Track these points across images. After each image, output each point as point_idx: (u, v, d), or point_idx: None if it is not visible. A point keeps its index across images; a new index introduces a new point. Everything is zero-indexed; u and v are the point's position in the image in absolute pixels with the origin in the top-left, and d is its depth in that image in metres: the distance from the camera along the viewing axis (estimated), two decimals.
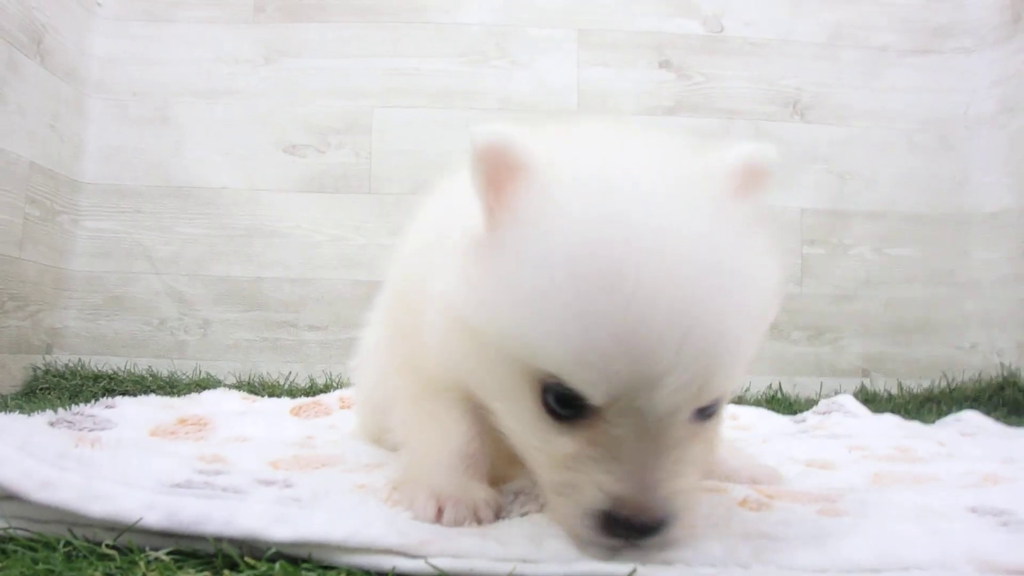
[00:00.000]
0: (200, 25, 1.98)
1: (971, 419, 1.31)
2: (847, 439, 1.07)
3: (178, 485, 0.56)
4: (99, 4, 1.96)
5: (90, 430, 0.88)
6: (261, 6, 1.99)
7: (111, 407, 1.05)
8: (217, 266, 1.93)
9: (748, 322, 0.46)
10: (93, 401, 1.09)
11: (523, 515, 0.55)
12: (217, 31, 1.98)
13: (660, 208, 0.45)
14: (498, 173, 0.48)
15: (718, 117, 1.99)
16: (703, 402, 0.46)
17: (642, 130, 0.56)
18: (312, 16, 1.99)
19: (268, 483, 0.61)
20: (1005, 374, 1.86)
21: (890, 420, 1.27)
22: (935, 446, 0.99)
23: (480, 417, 0.56)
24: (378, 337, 0.81)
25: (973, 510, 0.58)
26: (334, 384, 1.79)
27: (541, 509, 0.56)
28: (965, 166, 1.99)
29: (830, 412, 1.39)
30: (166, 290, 1.92)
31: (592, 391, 0.44)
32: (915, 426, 1.24)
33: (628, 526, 0.45)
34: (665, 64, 2.00)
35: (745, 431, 1.26)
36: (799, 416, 1.45)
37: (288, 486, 0.60)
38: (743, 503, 0.60)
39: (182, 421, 0.99)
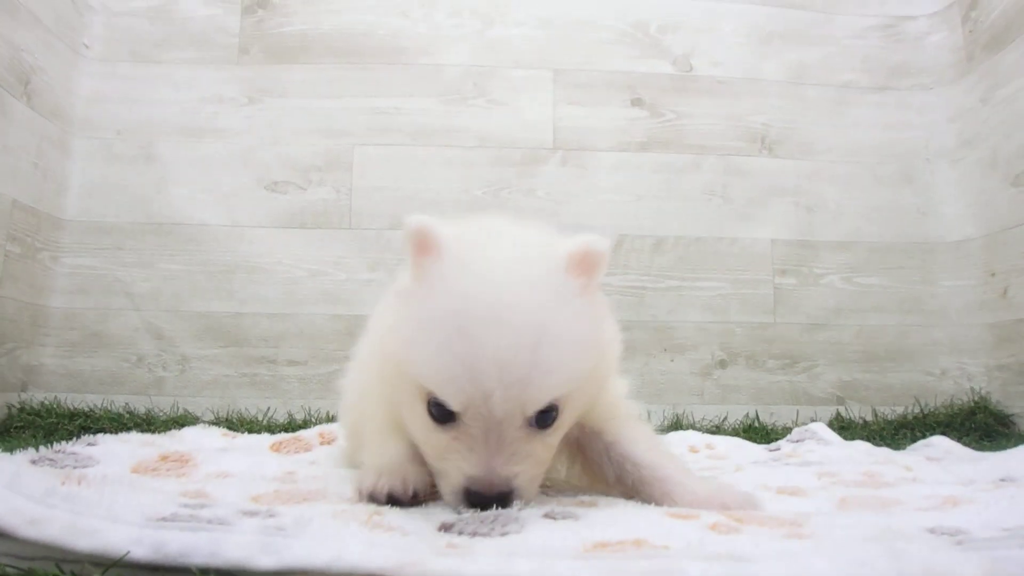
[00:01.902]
0: (185, 66, 2.02)
1: (939, 444, 1.34)
2: (818, 466, 1.09)
3: (164, 519, 0.57)
4: (86, 46, 1.99)
5: (73, 467, 0.88)
6: (245, 48, 2.03)
7: (92, 444, 1.04)
8: (197, 302, 1.93)
9: (558, 362, 0.66)
10: (74, 439, 1.09)
11: (503, 535, 0.57)
12: (202, 72, 2.01)
13: (503, 282, 0.66)
14: (420, 247, 0.70)
15: (689, 153, 2.05)
16: (528, 412, 0.67)
17: (521, 225, 0.77)
18: (295, 58, 2.03)
19: (251, 514, 0.62)
20: (976, 399, 1.91)
21: (860, 446, 1.30)
22: (902, 471, 1.01)
23: None
24: (359, 383, 0.93)
25: (931, 531, 0.60)
26: (313, 419, 1.78)
27: (520, 530, 0.58)
28: (927, 197, 2.06)
29: (803, 440, 1.42)
30: (145, 326, 1.92)
31: (451, 400, 0.66)
32: (884, 452, 1.26)
33: (480, 497, 0.66)
34: (637, 102, 2.07)
35: (720, 460, 1.28)
36: (773, 445, 1.47)
37: (271, 516, 0.61)
38: (714, 527, 0.62)
39: (164, 458, 0.99)
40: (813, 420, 1.91)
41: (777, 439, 1.72)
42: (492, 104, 2.04)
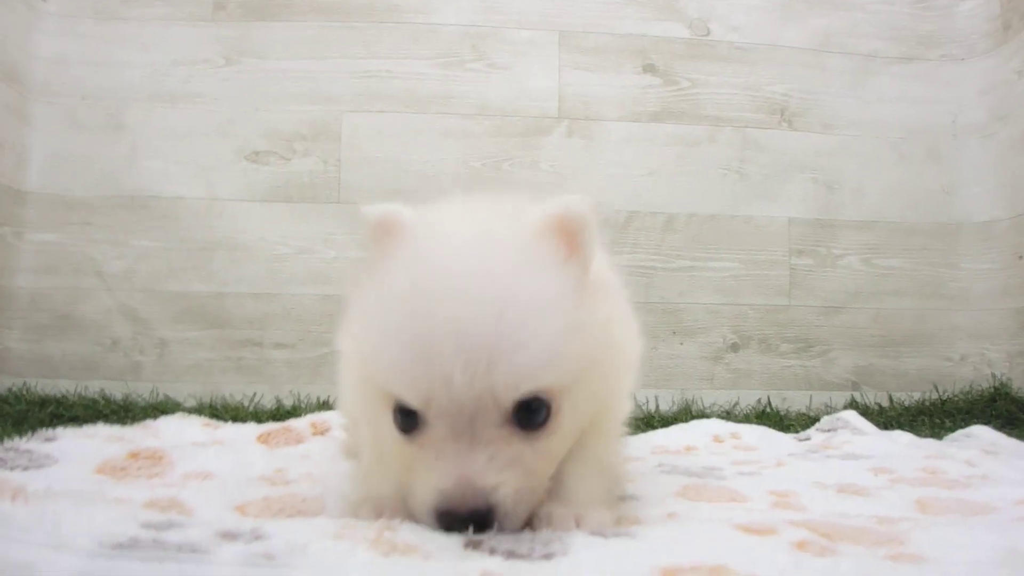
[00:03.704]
0: (155, 24, 1.86)
1: (982, 435, 1.25)
2: (867, 460, 1.00)
3: (120, 545, 0.46)
4: (44, 0, 1.83)
5: (24, 468, 0.76)
6: (221, 3, 1.88)
7: (51, 440, 0.91)
8: (174, 282, 1.80)
9: (532, 335, 0.53)
10: (30, 433, 0.96)
11: (546, 558, 0.48)
12: (173, 30, 1.86)
13: (458, 251, 0.56)
14: (382, 237, 0.61)
15: (704, 124, 1.94)
16: (504, 400, 0.53)
17: (493, 201, 0.66)
18: (277, 14, 1.88)
19: (233, 536, 0.50)
20: (996, 385, 1.84)
21: (901, 437, 1.21)
22: (964, 467, 0.93)
23: None
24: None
25: None
26: (302, 406, 1.69)
27: (566, 552, 0.50)
28: (953, 176, 1.97)
29: (835, 429, 1.33)
30: (119, 308, 1.79)
31: (408, 394, 0.54)
32: (930, 444, 1.18)
33: (451, 516, 0.53)
34: (650, 69, 1.94)
35: (751, 452, 1.18)
36: (802, 434, 1.39)
37: (257, 538, 0.50)
38: (801, 546, 0.51)
39: (133, 455, 0.86)
40: (828, 406, 1.85)
41: (791, 425, 1.65)
42: (492, 69, 1.91)
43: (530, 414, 0.55)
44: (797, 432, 1.54)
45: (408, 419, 0.55)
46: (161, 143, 1.83)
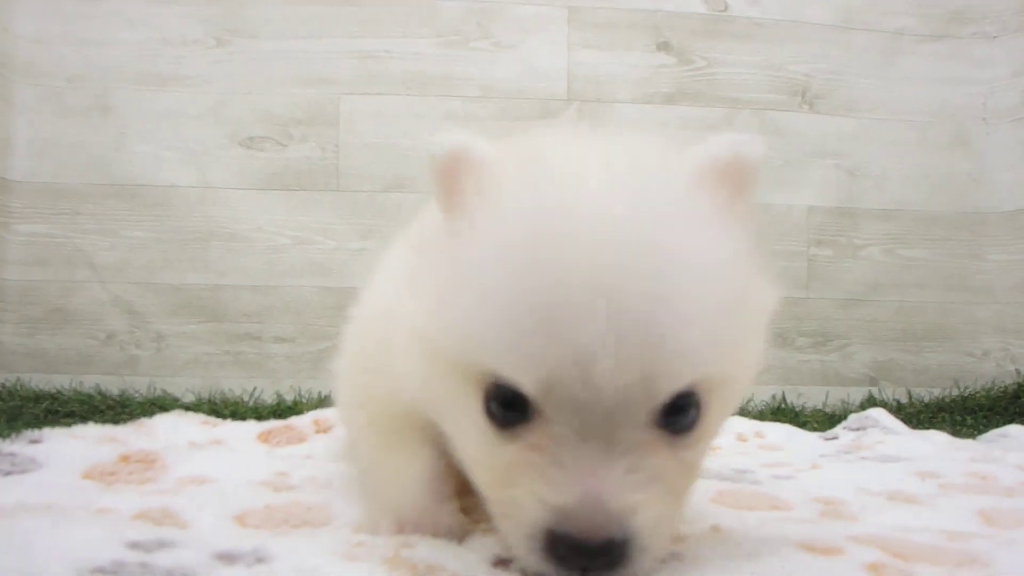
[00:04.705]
0: (143, 2, 1.76)
1: (1018, 435, 1.21)
2: (907, 463, 0.95)
3: (101, 570, 0.41)
4: None
5: (6, 473, 0.73)
6: None
7: (36, 441, 0.86)
8: (170, 274, 1.74)
9: (697, 305, 0.40)
10: (14, 435, 0.91)
11: None
12: (163, 8, 1.76)
13: (598, 193, 0.42)
14: (456, 179, 0.46)
15: (721, 106, 1.84)
16: (660, 394, 0.40)
17: (616, 131, 0.50)
18: None
19: (231, 559, 0.46)
20: (1020, 381, 1.79)
21: (936, 436, 1.16)
22: (1016, 472, 0.88)
23: (443, 443, 0.53)
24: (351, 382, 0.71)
25: None
26: (303, 401, 1.65)
27: None
28: (982, 162, 1.88)
29: (864, 428, 1.29)
30: (113, 301, 1.74)
31: (524, 377, 0.40)
32: (970, 445, 1.14)
33: (572, 543, 0.39)
34: (664, 46, 1.84)
35: (776, 452, 1.14)
36: (828, 433, 1.34)
37: (260, 560, 0.46)
38: (875, 569, 0.47)
39: (124, 458, 0.81)
40: (844, 402, 1.80)
41: (807, 422, 1.61)
42: (498, 47, 1.81)
43: (678, 414, 0.42)
44: (814, 429, 1.50)
45: (509, 410, 0.42)
46: (152, 128, 1.75)
